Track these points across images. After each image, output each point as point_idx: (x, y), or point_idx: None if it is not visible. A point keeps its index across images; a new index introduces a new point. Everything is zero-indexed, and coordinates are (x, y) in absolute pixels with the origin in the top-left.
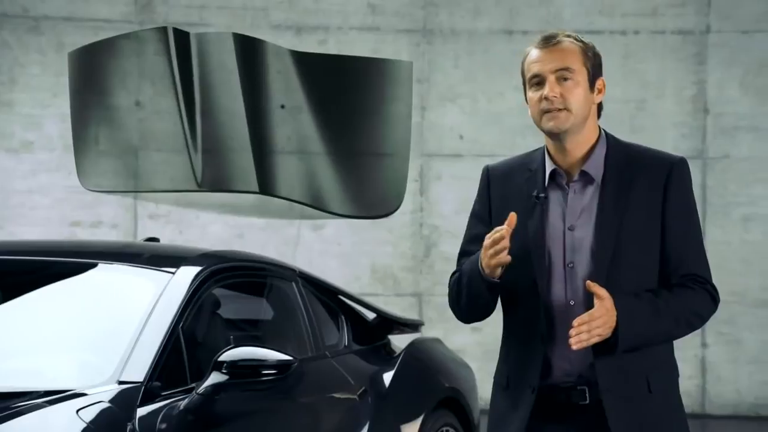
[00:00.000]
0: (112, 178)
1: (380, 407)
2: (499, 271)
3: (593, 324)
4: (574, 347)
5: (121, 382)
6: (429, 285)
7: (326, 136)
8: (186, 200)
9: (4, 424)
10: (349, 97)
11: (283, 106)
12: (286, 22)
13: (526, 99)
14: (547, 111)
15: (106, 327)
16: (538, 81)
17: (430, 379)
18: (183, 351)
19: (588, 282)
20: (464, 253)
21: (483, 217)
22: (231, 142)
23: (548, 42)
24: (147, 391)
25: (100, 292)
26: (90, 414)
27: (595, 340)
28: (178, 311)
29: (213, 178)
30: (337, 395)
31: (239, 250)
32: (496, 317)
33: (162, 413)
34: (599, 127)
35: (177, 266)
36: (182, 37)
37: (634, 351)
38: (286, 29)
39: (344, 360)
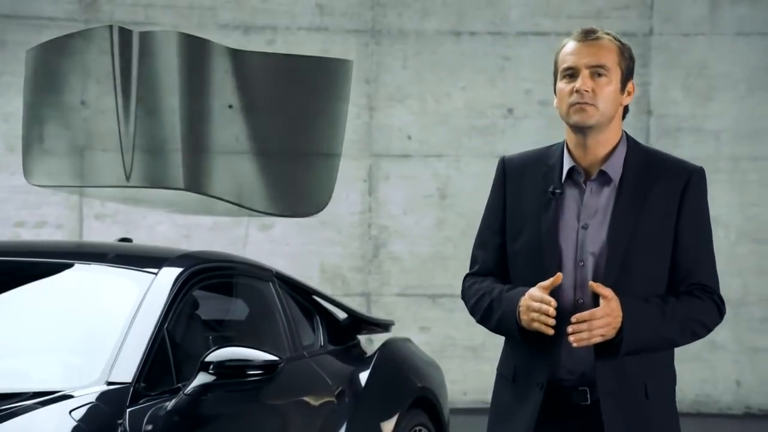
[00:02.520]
0: (57, 176)
1: (357, 407)
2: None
3: (595, 324)
4: (574, 345)
5: (109, 383)
6: (377, 285)
7: (260, 136)
8: (133, 199)
9: None
10: (289, 97)
11: (231, 106)
12: (233, 21)
13: (554, 90)
14: (575, 104)
15: (92, 328)
16: (572, 73)
17: (403, 379)
18: (168, 351)
19: (591, 283)
20: (480, 245)
21: (498, 209)
22: (171, 141)
23: (587, 36)
24: (134, 391)
25: (84, 293)
26: (82, 414)
27: (597, 340)
28: (162, 312)
29: (143, 175)
30: (315, 395)
31: (217, 251)
32: (443, 317)
33: (150, 414)
34: (622, 129)
35: (159, 267)
36: (126, 36)
37: (635, 355)
38: (233, 29)
39: (320, 360)
